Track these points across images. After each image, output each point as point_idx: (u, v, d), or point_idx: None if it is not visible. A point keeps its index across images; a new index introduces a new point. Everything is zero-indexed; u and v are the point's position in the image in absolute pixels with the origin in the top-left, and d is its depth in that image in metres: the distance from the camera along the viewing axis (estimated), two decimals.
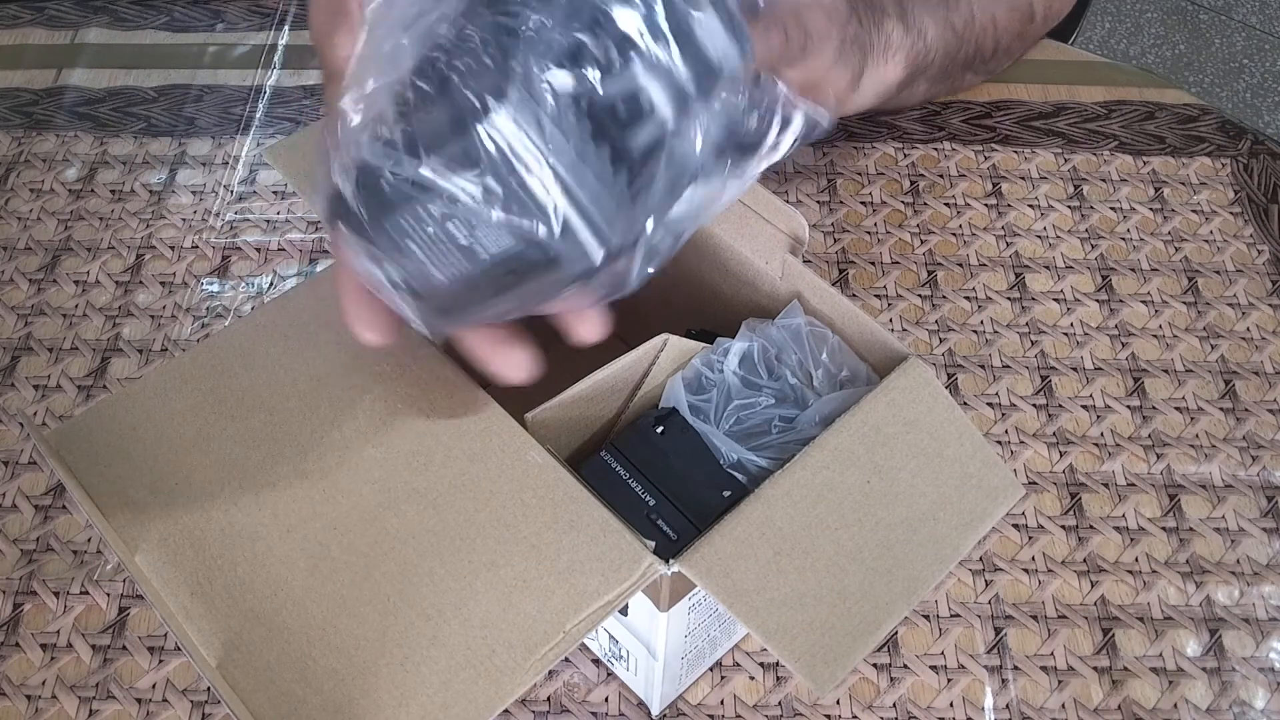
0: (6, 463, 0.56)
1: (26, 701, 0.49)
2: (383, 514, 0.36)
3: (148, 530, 0.36)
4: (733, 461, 0.40)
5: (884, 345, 0.41)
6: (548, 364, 0.38)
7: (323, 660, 0.33)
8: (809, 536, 0.36)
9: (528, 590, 0.34)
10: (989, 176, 0.69)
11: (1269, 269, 0.65)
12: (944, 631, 0.51)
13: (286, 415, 0.38)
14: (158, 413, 0.39)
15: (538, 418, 0.40)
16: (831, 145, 0.70)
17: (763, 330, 0.43)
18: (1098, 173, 0.70)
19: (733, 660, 0.50)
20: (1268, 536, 0.55)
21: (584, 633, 0.34)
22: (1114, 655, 0.51)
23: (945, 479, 0.38)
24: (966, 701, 0.50)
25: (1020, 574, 0.53)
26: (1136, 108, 0.73)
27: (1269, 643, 0.52)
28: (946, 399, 0.40)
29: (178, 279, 0.63)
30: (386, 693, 0.33)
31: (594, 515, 0.36)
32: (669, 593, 0.38)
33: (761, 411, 0.41)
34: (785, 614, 0.34)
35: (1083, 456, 0.57)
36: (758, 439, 0.41)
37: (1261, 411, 0.59)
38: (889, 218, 0.67)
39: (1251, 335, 0.62)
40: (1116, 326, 0.62)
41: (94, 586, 0.52)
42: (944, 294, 0.63)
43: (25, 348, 0.60)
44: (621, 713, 0.49)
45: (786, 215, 0.43)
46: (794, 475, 0.37)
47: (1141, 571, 0.53)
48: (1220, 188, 0.69)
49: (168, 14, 0.78)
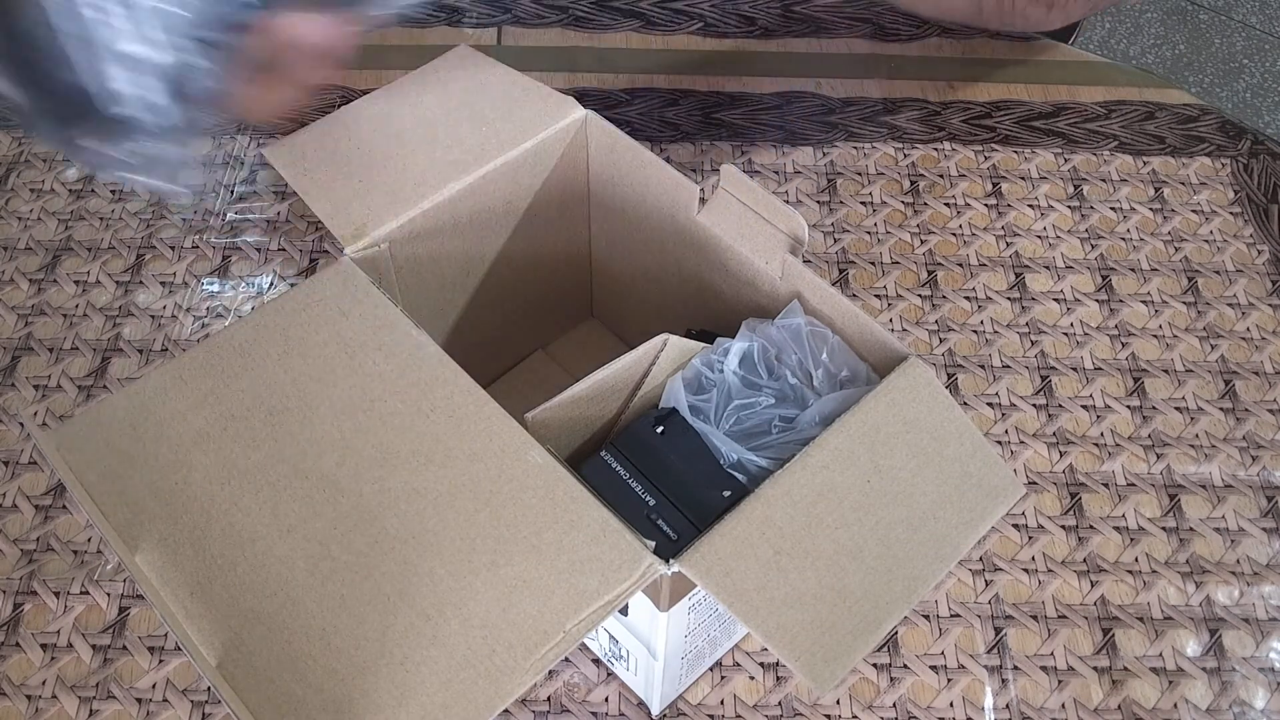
0: (6, 463, 0.56)
1: (27, 701, 0.49)
2: (383, 514, 0.36)
3: (148, 530, 0.36)
4: (733, 461, 0.40)
5: (884, 345, 0.41)
6: (547, 364, 0.38)
7: (322, 660, 0.33)
8: (809, 536, 0.36)
9: (528, 590, 0.34)
10: (989, 176, 0.69)
11: (1269, 269, 0.65)
12: (944, 631, 0.51)
13: (286, 415, 0.38)
14: (158, 412, 0.39)
15: (538, 418, 0.40)
16: (832, 145, 0.70)
17: (763, 330, 0.43)
18: (1098, 173, 0.70)
19: (733, 660, 0.50)
20: (1268, 536, 0.55)
21: (584, 633, 0.34)
22: (1114, 655, 0.51)
23: (945, 478, 0.38)
24: (966, 701, 0.50)
25: (1020, 574, 0.53)
26: (1136, 108, 0.73)
27: (1269, 643, 0.52)
28: (946, 399, 0.40)
29: (178, 279, 0.63)
30: (386, 692, 0.33)
31: (594, 515, 0.36)
32: (669, 593, 0.38)
33: (761, 411, 0.41)
34: (785, 613, 0.34)
35: (1083, 456, 0.57)
36: (758, 439, 0.41)
37: (1261, 411, 0.59)
38: (889, 218, 0.67)
39: (1251, 335, 0.62)
40: (1116, 326, 0.62)
41: (94, 586, 0.52)
42: (944, 294, 0.63)
43: (25, 348, 0.60)
44: (621, 713, 0.49)
45: (786, 215, 0.43)
46: (794, 475, 0.37)
47: (1141, 571, 0.53)
48: (1220, 188, 0.69)
49: None
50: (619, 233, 0.52)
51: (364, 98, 0.49)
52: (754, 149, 0.70)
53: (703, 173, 0.69)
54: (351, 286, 0.42)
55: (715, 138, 0.71)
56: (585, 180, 0.51)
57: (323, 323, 0.41)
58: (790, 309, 0.43)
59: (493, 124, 0.48)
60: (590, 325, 0.60)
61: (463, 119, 0.48)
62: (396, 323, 0.41)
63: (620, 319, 0.59)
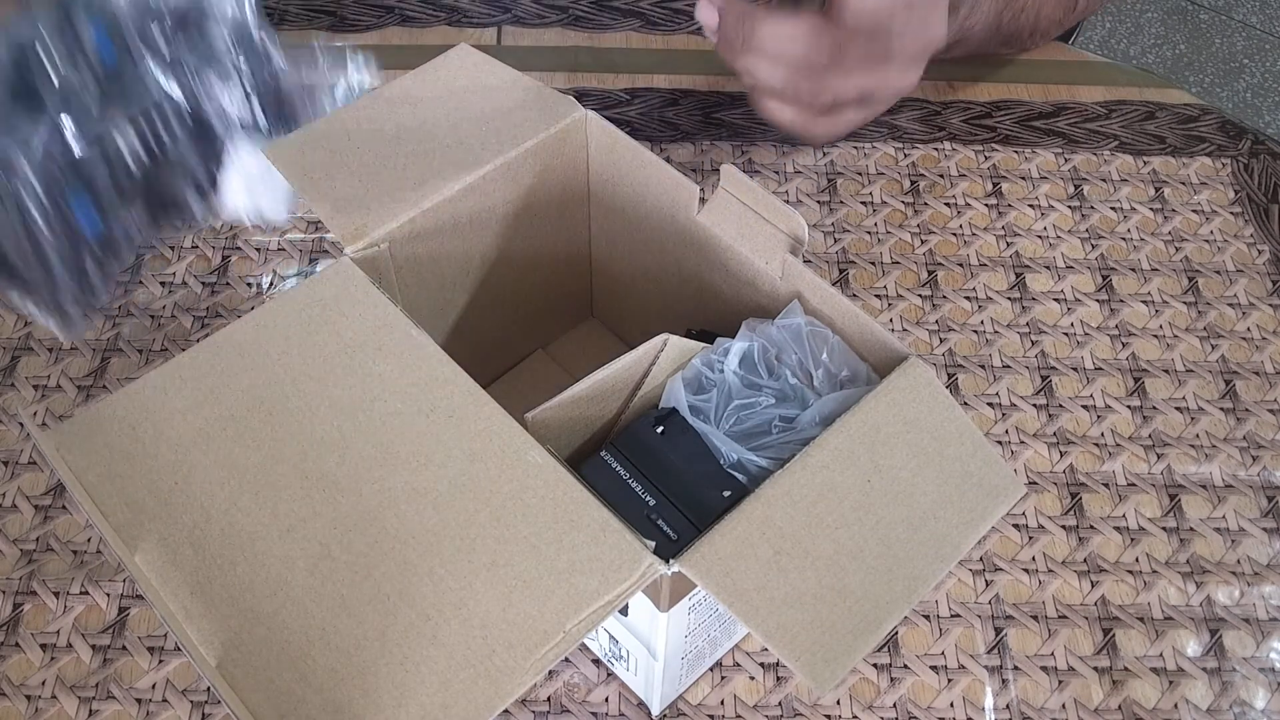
0: (6, 463, 0.56)
1: (26, 702, 0.49)
2: (382, 514, 0.36)
3: (147, 529, 0.36)
4: (733, 461, 0.40)
5: (884, 345, 0.41)
6: (547, 364, 0.38)
7: (322, 660, 0.33)
8: (809, 536, 0.36)
9: (527, 590, 0.34)
10: (989, 176, 0.69)
11: (1269, 269, 0.65)
12: (944, 632, 0.51)
13: (286, 415, 0.38)
14: (157, 412, 0.39)
15: (538, 417, 0.40)
16: (832, 145, 0.70)
17: (763, 330, 0.43)
18: (1098, 173, 0.70)
19: (733, 660, 0.50)
20: (1268, 536, 0.55)
21: (584, 633, 0.34)
22: (1114, 655, 0.51)
23: (946, 478, 0.38)
24: (967, 702, 0.49)
25: (1020, 574, 0.53)
26: (1137, 108, 0.73)
27: (1269, 643, 0.51)
28: (947, 398, 0.40)
29: (178, 279, 0.63)
30: (386, 692, 0.33)
31: (594, 515, 0.36)
32: (669, 593, 0.38)
33: (761, 411, 0.41)
34: (785, 613, 0.34)
35: (1083, 456, 0.57)
36: (757, 439, 0.40)
37: (1262, 411, 0.59)
38: (889, 218, 0.67)
39: (1252, 335, 0.62)
40: (1117, 326, 0.62)
41: (94, 586, 0.52)
42: (944, 294, 0.63)
43: (25, 348, 0.60)
44: (621, 713, 0.49)
45: (786, 215, 0.43)
46: (794, 475, 0.37)
47: (1142, 572, 0.53)
48: (1221, 188, 0.69)
49: None
50: (619, 233, 0.52)
51: (363, 97, 0.49)
52: (754, 149, 0.70)
53: (703, 173, 0.69)
54: (351, 286, 0.42)
55: (715, 138, 0.71)
56: (585, 180, 0.51)
57: (323, 323, 0.41)
58: (790, 309, 0.43)
59: (493, 124, 0.48)
60: (590, 325, 0.60)
61: (463, 119, 0.48)
62: (396, 323, 0.41)
63: (620, 319, 0.59)
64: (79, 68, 0.42)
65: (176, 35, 0.45)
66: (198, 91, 0.45)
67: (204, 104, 0.46)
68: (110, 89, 0.43)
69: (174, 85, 0.44)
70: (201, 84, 0.45)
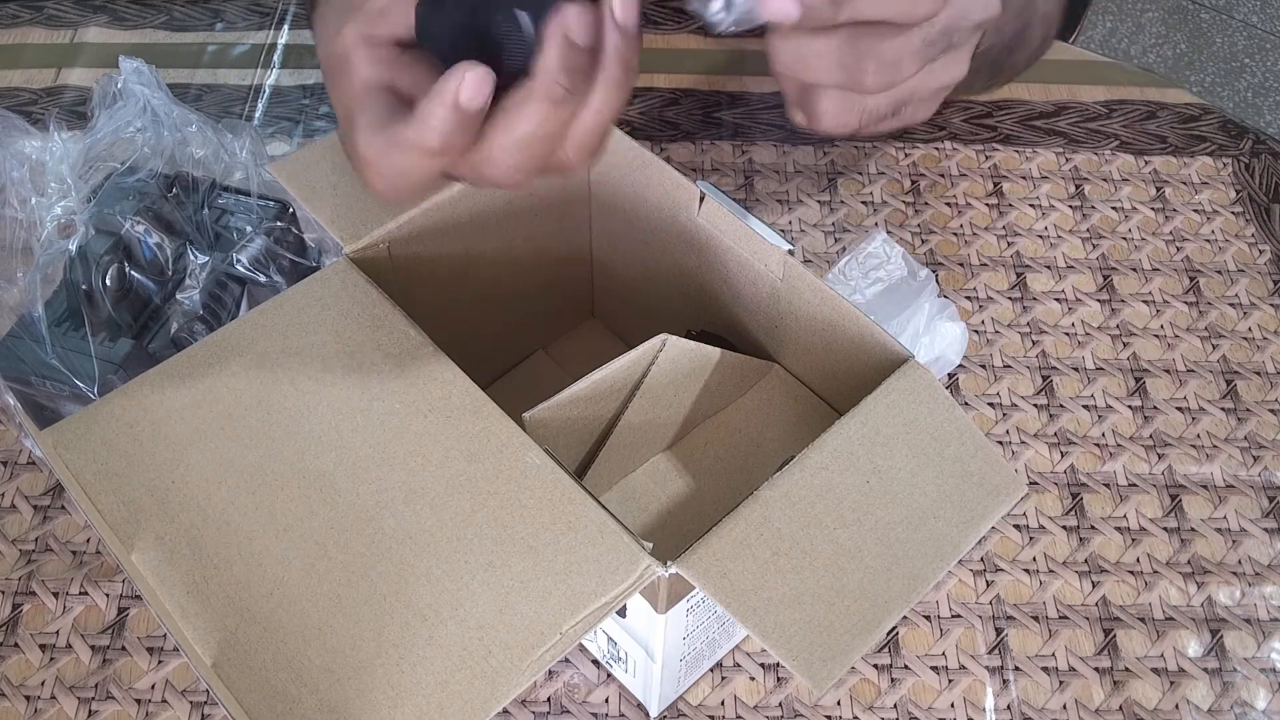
0: (6, 463, 0.56)
1: (26, 702, 0.49)
2: (380, 514, 0.36)
3: (144, 528, 0.36)
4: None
5: (884, 346, 0.41)
6: (547, 364, 0.38)
7: (318, 660, 0.33)
8: (807, 537, 0.36)
9: (525, 591, 0.34)
10: (990, 176, 0.69)
11: (1270, 269, 0.65)
12: (945, 632, 0.51)
13: (284, 415, 0.38)
14: (155, 411, 0.39)
15: (535, 417, 0.40)
16: (832, 145, 0.70)
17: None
18: (1099, 172, 0.70)
19: (733, 661, 0.50)
20: (1269, 537, 0.55)
21: (581, 634, 0.34)
22: (1115, 656, 0.51)
23: (945, 477, 0.38)
24: (967, 702, 0.49)
25: (1021, 574, 0.53)
26: (1138, 107, 0.73)
27: (1270, 643, 0.51)
28: (947, 399, 0.39)
29: None
30: (382, 693, 0.33)
31: (591, 516, 0.36)
32: (667, 595, 0.38)
33: None
34: (783, 613, 0.34)
35: (1084, 457, 0.57)
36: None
37: (1263, 411, 0.59)
38: (890, 217, 0.67)
39: (1253, 335, 0.62)
40: (1118, 326, 0.62)
41: (93, 587, 0.52)
42: (945, 294, 0.63)
43: None
44: (621, 713, 0.49)
45: (767, 253, 0.43)
46: (793, 476, 0.37)
47: (1143, 572, 0.53)
48: (1221, 187, 0.69)
49: (167, 13, 0.78)
50: (620, 233, 0.52)
51: None
52: (754, 148, 0.70)
53: (703, 173, 0.69)
54: (351, 286, 0.42)
55: (715, 137, 0.71)
56: (585, 180, 0.51)
57: (322, 323, 0.41)
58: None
59: None
60: (591, 326, 0.60)
61: None
62: (395, 323, 0.41)
63: (622, 319, 0.59)
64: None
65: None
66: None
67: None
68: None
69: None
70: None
